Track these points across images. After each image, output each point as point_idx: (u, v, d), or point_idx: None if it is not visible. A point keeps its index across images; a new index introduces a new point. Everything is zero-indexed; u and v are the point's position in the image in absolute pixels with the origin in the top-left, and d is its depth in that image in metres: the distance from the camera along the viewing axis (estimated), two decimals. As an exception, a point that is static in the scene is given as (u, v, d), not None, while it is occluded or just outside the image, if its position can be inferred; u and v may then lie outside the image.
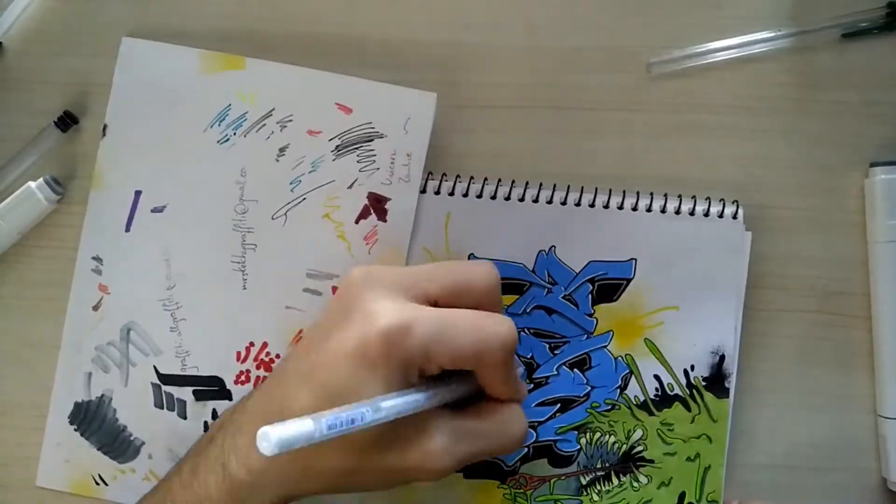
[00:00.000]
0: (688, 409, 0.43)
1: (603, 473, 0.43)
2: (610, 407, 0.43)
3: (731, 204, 0.42)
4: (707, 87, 0.44)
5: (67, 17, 0.45)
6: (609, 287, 0.43)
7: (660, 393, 0.43)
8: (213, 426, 0.38)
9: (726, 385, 0.42)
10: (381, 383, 0.32)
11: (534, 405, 0.43)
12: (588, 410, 0.43)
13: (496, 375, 0.36)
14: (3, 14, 0.44)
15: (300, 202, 0.43)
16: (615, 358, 0.43)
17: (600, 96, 0.44)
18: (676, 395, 0.43)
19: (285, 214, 0.43)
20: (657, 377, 0.43)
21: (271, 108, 0.43)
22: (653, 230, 0.42)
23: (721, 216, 0.42)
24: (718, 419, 0.42)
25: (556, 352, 0.43)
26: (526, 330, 0.43)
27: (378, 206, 0.43)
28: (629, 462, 0.43)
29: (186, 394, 0.43)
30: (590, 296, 0.43)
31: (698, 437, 0.42)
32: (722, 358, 0.42)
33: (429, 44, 0.44)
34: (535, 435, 0.43)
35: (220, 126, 0.43)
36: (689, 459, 0.42)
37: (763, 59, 0.44)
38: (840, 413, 0.42)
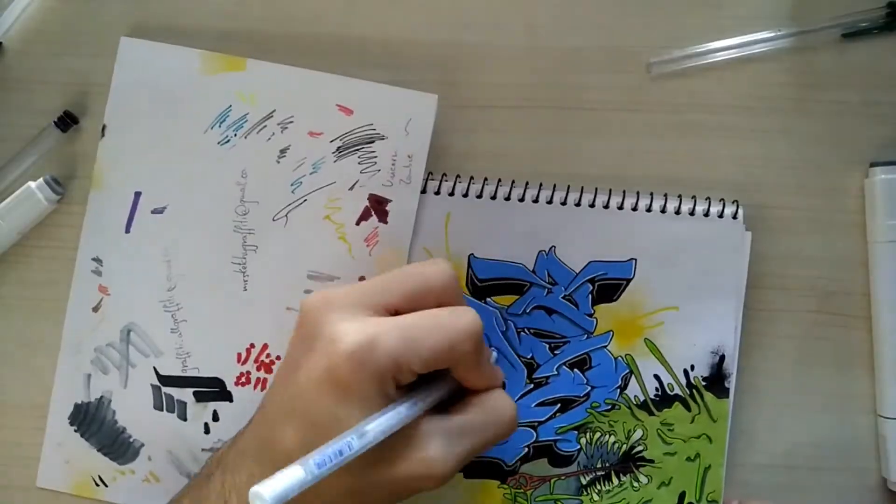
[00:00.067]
0: (688, 408, 0.43)
1: (603, 473, 0.43)
2: (610, 407, 0.43)
3: (731, 204, 0.43)
4: (707, 87, 0.44)
5: (67, 17, 0.45)
6: (609, 287, 0.43)
7: (660, 393, 0.43)
8: (211, 462, 0.38)
9: (726, 385, 0.42)
10: (359, 405, 0.32)
11: (534, 405, 0.43)
12: (588, 410, 0.43)
13: (470, 367, 0.36)
14: (3, 14, 0.44)
15: (301, 203, 0.43)
16: (615, 358, 0.43)
17: (600, 96, 0.44)
18: (676, 395, 0.43)
19: (286, 216, 0.43)
20: (657, 377, 0.43)
21: (272, 109, 0.43)
22: (653, 230, 0.42)
23: (721, 216, 0.42)
24: (718, 419, 0.42)
25: (556, 352, 0.43)
26: (526, 330, 0.43)
27: (379, 207, 0.43)
28: (629, 462, 0.43)
29: (187, 395, 0.43)
30: (590, 296, 0.43)
31: (698, 437, 0.42)
32: (722, 358, 0.42)
33: (429, 44, 0.44)
34: (536, 435, 0.43)
35: (221, 127, 0.43)
36: (689, 459, 0.42)
37: (763, 59, 0.44)
38: (840, 413, 0.42)
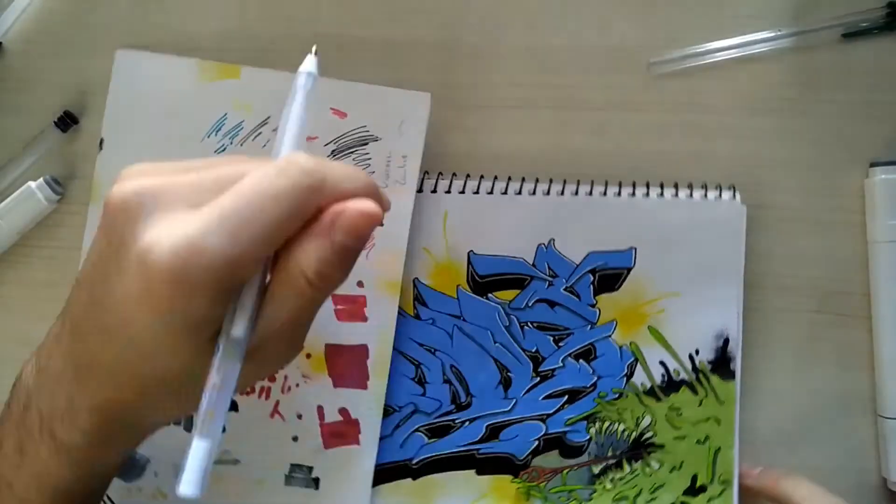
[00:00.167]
0: (695, 392, 0.43)
1: (614, 461, 0.43)
2: (617, 395, 0.43)
3: (728, 188, 0.43)
4: (707, 87, 0.44)
5: (67, 17, 0.45)
6: (610, 277, 0.43)
7: (666, 379, 0.43)
8: (20, 392, 0.33)
9: (732, 368, 0.42)
10: (195, 328, 0.27)
11: (541, 398, 0.43)
12: (596, 400, 0.43)
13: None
14: (3, 14, 0.44)
15: None
16: (620, 347, 0.43)
17: (600, 96, 0.44)
18: (683, 379, 0.43)
19: None
20: (663, 363, 0.43)
21: (267, 115, 0.43)
22: (651, 218, 0.42)
23: (719, 198, 0.42)
24: (726, 401, 0.42)
25: (560, 344, 0.43)
26: (529, 324, 0.43)
27: None
28: (640, 448, 0.43)
29: None
30: (591, 286, 0.43)
31: (707, 420, 0.42)
32: (726, 341, 0.42)
33: (429, 44, 0.44)
34: (545, 427, 0.43)
35: (217, 135, 0.43)
36: (699, 442, 0.42)
37: (763, 59, 0.44)
38: (840, 413, 0.42)
